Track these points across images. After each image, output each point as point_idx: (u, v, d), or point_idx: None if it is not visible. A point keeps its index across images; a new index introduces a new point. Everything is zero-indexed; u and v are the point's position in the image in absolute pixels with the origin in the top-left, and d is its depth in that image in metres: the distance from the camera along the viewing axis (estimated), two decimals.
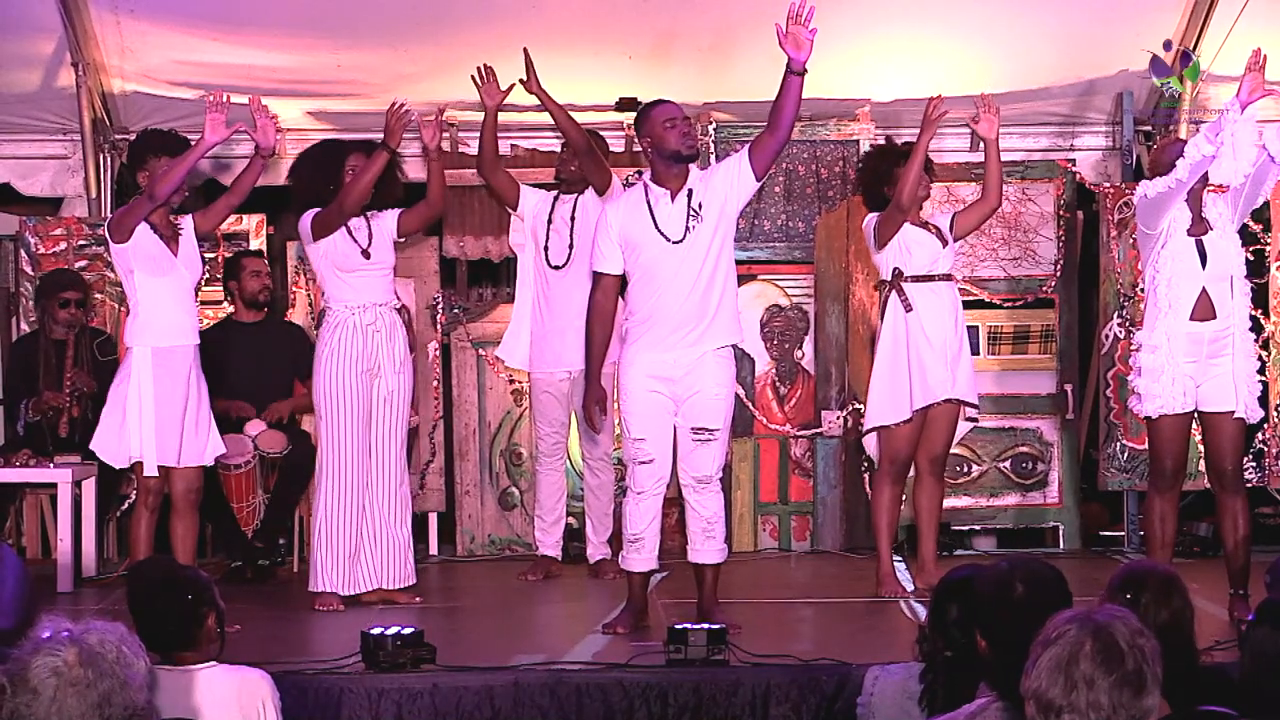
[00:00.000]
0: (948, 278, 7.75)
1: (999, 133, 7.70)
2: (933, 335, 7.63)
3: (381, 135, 7.48)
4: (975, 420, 8.04)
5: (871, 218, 7.72)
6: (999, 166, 7.73)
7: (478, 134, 8.35)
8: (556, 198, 8.40)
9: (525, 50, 8.04)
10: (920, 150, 7.46)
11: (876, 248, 7.68)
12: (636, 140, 6.95)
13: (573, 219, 8.30)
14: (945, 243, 7.71)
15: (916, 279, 7.63)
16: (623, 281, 6.88)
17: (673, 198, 6.71)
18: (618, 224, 6.78)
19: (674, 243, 6.67)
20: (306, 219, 7.50)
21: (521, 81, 8.10)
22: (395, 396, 7.53)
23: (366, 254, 7.47)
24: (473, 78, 8.13)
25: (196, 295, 7.39)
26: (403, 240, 7.78)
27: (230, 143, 7.88)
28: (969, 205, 8.01)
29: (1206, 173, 6.78)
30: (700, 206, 6.68)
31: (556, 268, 8.32)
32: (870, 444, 7.86)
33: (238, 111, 7.20)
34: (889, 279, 7.68)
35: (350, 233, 7.46)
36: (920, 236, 7.65)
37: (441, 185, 7.67)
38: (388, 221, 7.59)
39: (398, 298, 7.81)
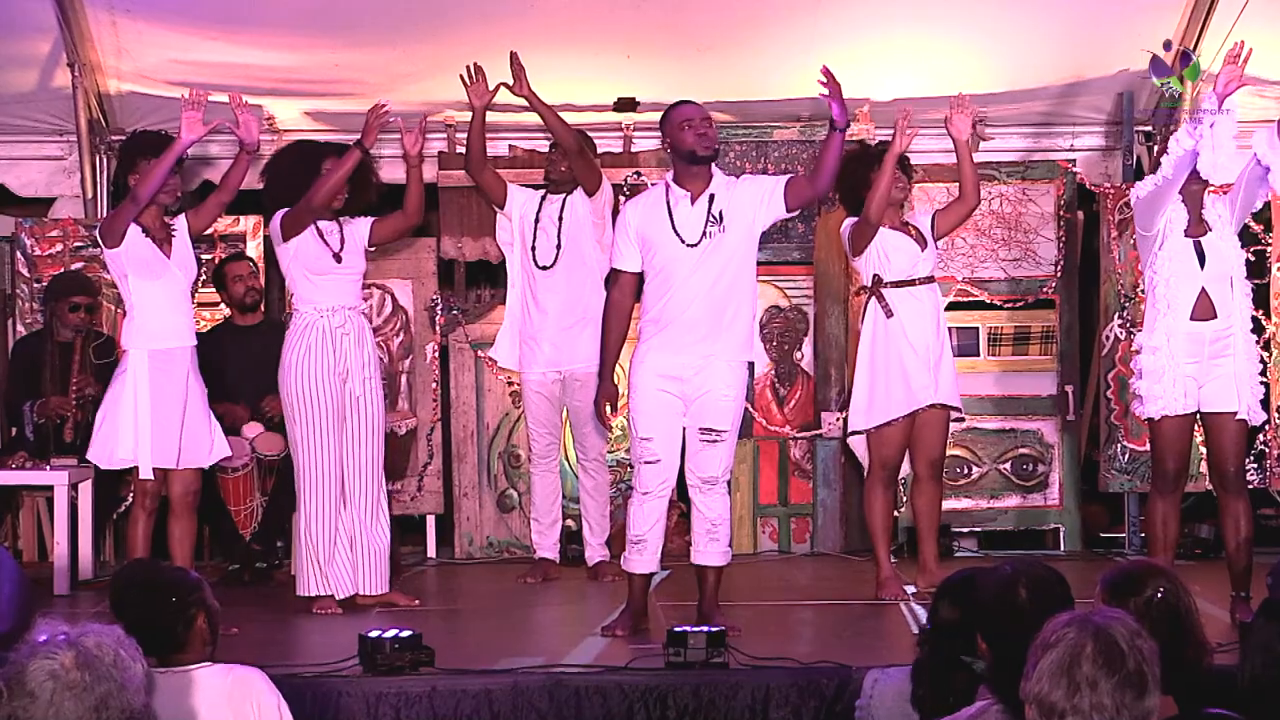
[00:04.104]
0: (929, 280, 7.73)
1: (972, 132, 7.69)
2: (915, 340, 7.62)
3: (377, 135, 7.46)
4: (962, 420, 8.06)
5: (849, 223, 7.71)
6: (971, 165, 7.69)
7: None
8: (544, 198, 8.35)
9: (513, 54, 7.99)
10: (888, 166, 7.44)
11: (852, 255, 7.69)
12: (660, 140, 6.94)
13: (560, 219, 8.25)
14: (925, 245, 7.69)
15: (897, 284, 7.63)
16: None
17: (693, 200, 6.71)
18: (635, 222, 6.78)
19: (690, 246, 6.67)
20: (276, 218, 7.47)
21: (507, 85, 8.04)
22: (364, 400, 7.47)
23: (338, 258, 7.42)
24: (461, 77, 8.09)
25: (193, 296, 7.38)
26: (374, 249, 7.73)
27: (222, 142, 7.85)
28: (948, 205, 7.96)
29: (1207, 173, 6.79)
30: (721, 214, 6.68)
31: (544, 268, 8.28)
32: (856, 447, 7.86)
33: (220, 110, 7.16)
34: (869, 285, 7.68)
35: (322, 235, 7.41)
36: (898, 241, 7.64)
37: (420, 196, 7.60)
38: (360, 228, 7.54)
39: (393, 300, 7.76)
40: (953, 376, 7.75)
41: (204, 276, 8.64)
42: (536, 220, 8.30)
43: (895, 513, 8.36)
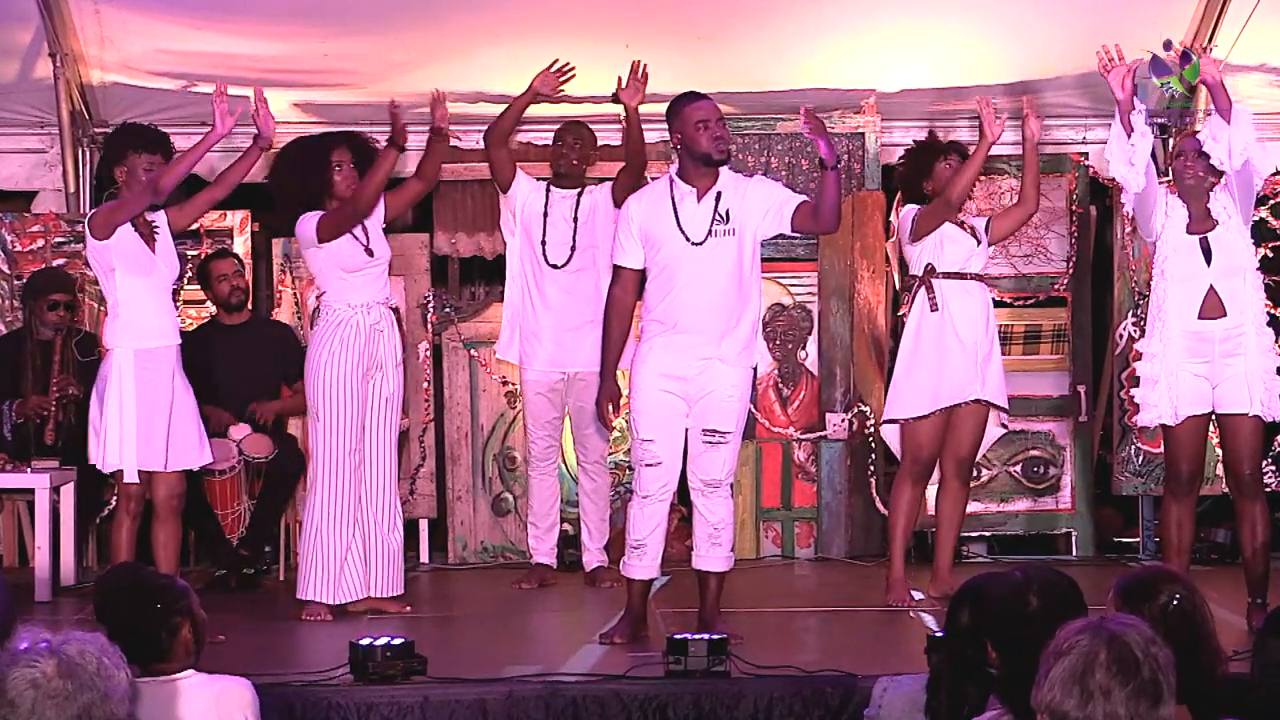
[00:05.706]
0: (980, 278, 7.68)
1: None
2: (964, 334, 7.56)
3: (368, 129, 7.49)
4: (1006, 427, 7.93)
5: (910, 209, 7.66)
6: (1038, 170, 7.70)
7: (473, 123, 8.32)
8: (549, 190, 8.23)
9: (638, 63, 7.99)
10: (981, 153, 7.44)
11: (912, 239, 7.62)
12: (669, 134, 6.84)
13: (575, 218, 8.16)
14: (979, 242, 7.66)
15: (948, 275, 7.56)
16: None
17: (699, 198, 6.63)
18: (639, 218, 6.71)
19: (694, 244, 6.59)
20: (308, 223, 7.30)
21: (620, 88, 8.03)
22: (394, 398, 7.44)
23: (370, 251, 7.34)
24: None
25: (176, 295, 7.26)
26: (386, 225, 7.61)
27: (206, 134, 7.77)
28: (1007, 209, 7.96)
29: (1215, 166, 6.78)
30: (728, 214, 6.61)
31: (555, 265, 8.17)
32: (889, 438, 7.79)
33: (236, 103, 7.10)
34: (920, 274, 7.61)
35: (353, 233, 7.31)
36: (955, 234, 7.59)
37: (438, 162, 7.58)
38: (375, 210, 7.42)
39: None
40: (1000, 375, 7.69)
41: (189, 274, 8.60)
42: (546, 215, 8.18)
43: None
